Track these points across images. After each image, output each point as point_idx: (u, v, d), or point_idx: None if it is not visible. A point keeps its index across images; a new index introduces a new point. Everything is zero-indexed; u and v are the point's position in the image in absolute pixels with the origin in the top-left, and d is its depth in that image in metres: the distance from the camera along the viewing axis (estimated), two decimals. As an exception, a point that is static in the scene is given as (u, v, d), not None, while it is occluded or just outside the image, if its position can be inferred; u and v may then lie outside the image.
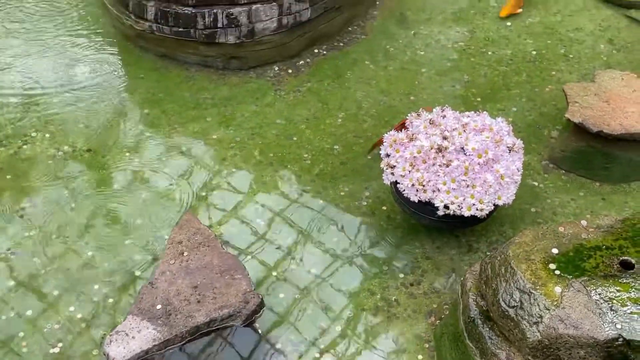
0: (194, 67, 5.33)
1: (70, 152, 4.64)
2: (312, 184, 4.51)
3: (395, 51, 5.56)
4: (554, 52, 5.50)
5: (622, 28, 5.72)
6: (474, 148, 3.57)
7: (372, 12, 5.91)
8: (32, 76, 5.19)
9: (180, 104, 5.05)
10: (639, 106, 4.43)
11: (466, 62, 5.45)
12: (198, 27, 5.08)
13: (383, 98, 5.14)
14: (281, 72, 5.36)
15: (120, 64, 5.35)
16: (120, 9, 5.24)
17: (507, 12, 5.81)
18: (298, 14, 5.25)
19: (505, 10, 5.82)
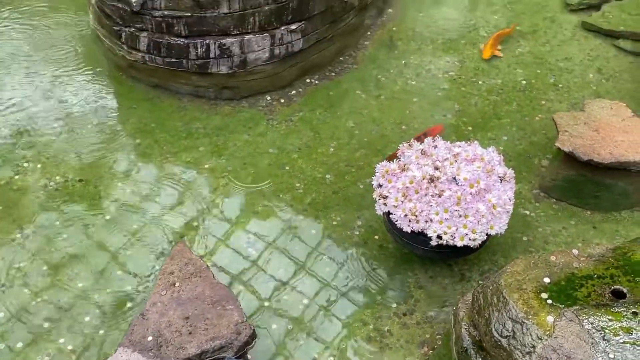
0: (186, 97, 5.35)
1: (62, 182, 4.64)
2: (305, 213, 4.51)
3: (387, 81, 5.60)
4: (543, 82, 5.55)
5: (610, 57, 5.78)
6: (466, 178, 3.58)
7: (363, 42, 5.96)
8: (24, 106, 5.20)
9: (172, 133, 5.06)
10: (629, 135, 4.46)
11: (457, 91, 5.49)
12: (190, 57, 5.10)
13: (375, 127, 5.17)
14: (273, 101, 5.38)
15: (112, 94, 5.36)
16: (113, 39, 5.27)
17: (489, 54, 5.80)
18: (290, 45, 5.29)
19: (486, 52, 5.80)
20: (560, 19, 6.21)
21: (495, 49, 5.80)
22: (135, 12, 4.93)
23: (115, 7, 5.03)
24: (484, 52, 5.79)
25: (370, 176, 4.30)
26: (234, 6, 4.94)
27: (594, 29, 6.02)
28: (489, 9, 6.34)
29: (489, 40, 5.85)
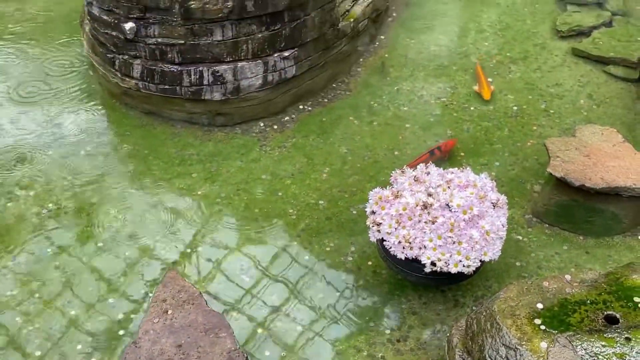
0: (179, 124, 5.36)
1: (55, 209, 4.63)
2: (298, 239, 4.51)
3: (379, 107, 5.63)
4: (535, 107, 5.60)
5: (601, 83, 5.84)
6: (459, 204, 3.60)
7: (356, 68, 6.00)
8: (18, 134, 5.20)
9: (165, 160, 5.07)
10: (620, 160, 4.49)
11: (449, 117, 5.53)
12: (184, 84, 5.13)
13: (367, 153, 5.18)
14: (266, 128, 5.40)
15: (106, 121, 5.38)
16: (107, 67, 5.29)
17: (489, 93, 5.67)
18: (283, 71, 5.32)
19: (486, 93, 5.68)
20: (551, 46, 6.27)
21: (488, 85, 5.76)
22: (129, 40, 4.96)
23: (109, 35, 5.06)
24: (483, 94, 5.67)
25: (363, 202, 4.32)
26: (227, 34, 4.97)
27: (584, 55, 6.09)
28: (479, 35, 6.40)
29: (481, 81, 5.75)
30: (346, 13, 5.77)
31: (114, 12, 4.93)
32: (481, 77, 5.78)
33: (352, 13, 5.82)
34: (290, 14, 5.11)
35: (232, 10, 4.84)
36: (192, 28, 4.89)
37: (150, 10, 4.84)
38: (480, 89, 5.73)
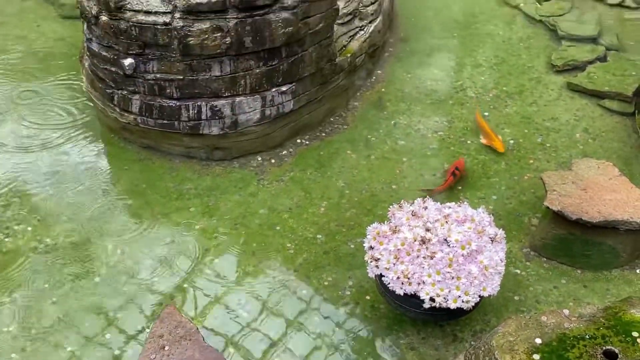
0: (177, 158, 5.38)
1: (52, 244, 4.62)
2: (296, 274, 4.50)
3: (376, 141, 5.66)
4: (531, 141, 5.63)
5: (596, 117, 5.88)
6: (457, 239, 3.60)
7: (353, 103, 6.04)
8: (16, 168, 5.21)
9: (163, 194, 5.07)
10: (616, 194, 4.51)
11: (446, 151, 5.56)
12: (182, 119, 5.16)
13: (365, 187, 5.20)
14: (264, 162, 5.42)
15: (104, 155, 5.40)
16: (106, 102, 5.32)
17: (501, 144, 5.51)
18: (281, 106, 5.36)
19: (499, 144, 5.51)
20: (546, 80, 6.33)
21: (496, 135, 5.61)
22: (127, 75, 5.00)
23: (108, 70, 5.10)
24: (497, 146, 5.50)
25: (361, 236, 4.32)
26: (225, 69, 5.01)
27: (579, 89, 6.14)
28: (475, 70, 6.46)
29: (488, 133, 5.60)
30: (343, 48, 5.82)
31: (113, 48, 4.98)
32: (486, 129, 5.65)
33: (349, 48, 5.88)
34: (288, 50, 5.16)
35: (230, 46, 4.89)
36: (190, 64, 4.94)
37: (149, 46, 4.88)
38: (490, 141, 5.57)
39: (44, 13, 7.03)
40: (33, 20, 6.91)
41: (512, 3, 7.46)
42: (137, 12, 4.78)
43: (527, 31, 7.03)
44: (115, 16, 4.82)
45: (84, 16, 5.10)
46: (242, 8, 4.80)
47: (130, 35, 4.83)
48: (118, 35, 4.87)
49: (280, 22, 4.94)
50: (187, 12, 4.74)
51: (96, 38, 5.07)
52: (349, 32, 5.95)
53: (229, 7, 4.79)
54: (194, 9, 4.73)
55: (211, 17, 4.79)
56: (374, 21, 6.20)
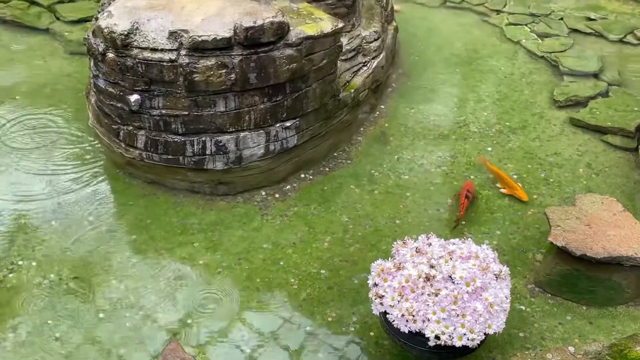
0: (182, 193, 5.40)
1: (57, 280, 4.62)
2: (300, 309, 4.49)
3: (380, 175, 5.68)
4: (534, 176, 5.64)
5: (599, 153, 5.90)
6: (462, 276, 3.60)
7: (357, 137, 6.07)
8: (21, 204, 5.23)
9: (167, 229, 5.08)
10: (620, 230, 4.51)
11: (449, 186, 5.57)
12: (187, 154, 5.19)
13: (368, 222, 5.20)
14: (268, 196, 5.44)
15: (109, 191, 5.41)
16: (111, 137, 5.36)
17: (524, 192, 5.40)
18: (285, 141, 5.39)
19: (522, 193, 5.40)
20: (549, 115, 6.37)
21: (516, 183, 5.50)
22: (133, 111, 5.04)
23: (114, 106, 5.15)
24: (520, 195, 5.38)
25: (365, 271, 4.32)
26: (230, 105, 5.06)
27: (582, 124, 6.18)
28: (478, 105, 6.51)
29: (507, 180, 5.48)
30: (347, 84, 5.87)
31: (119, 84, 5.02)
32: (505, 177, 5.51)
33: (353, 84, 5.92)
34: (292, 86, 5.21)
35: (235, 83, 4.93)
36: (195, 99, 4.98)
37: (155, 82, 4.93)
38: (512, 190, 5.43)
39: (51, 49, 7.11)
40: (40, 57, 6.98)
41: (513, 39, 7.53)
42: (143, 49, 4.84)
43: (529, 67, 7.09)
44: (122, 53, 4.88)
45: (91, 53, 5.16)
46: (247, 45, 4.86)
47: (137, 72, 4.88)
48: (124, 72, 4.92)
49: (285, 59, 5.00)
50: (192, 49, 4.80)
51: (103, 75, 5.12)
52: (352, 68, 6.00)
53: (234, 44, 4.85)
54: (199, 46, 4.79)
55: (216, 54, 4.84)
56: (377, 57, 6.26)
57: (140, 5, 5.06)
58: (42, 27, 7.39)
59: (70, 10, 7.59)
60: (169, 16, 4.93)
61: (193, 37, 4.77)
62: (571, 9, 8.17)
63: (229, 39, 4.81)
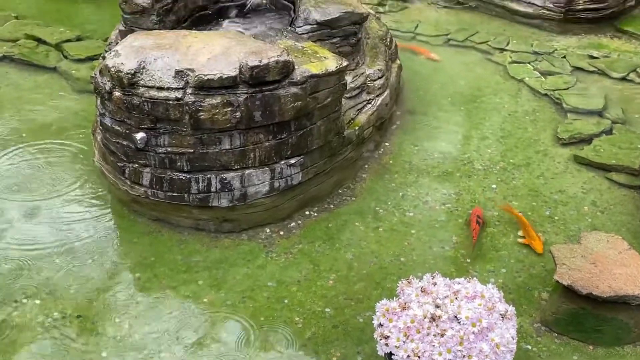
0: (186, 231, 5.40)
1: (60, 318, 4.60)
2: (304, 349, 4.46)
3: (385, 212, 5.68)
4: (539, 214, 5.64)
5: (604, 190, 5.90)
6: (468, 317, 3.58)
7: (361, 174, 6.09)
8: (26, 241, 5.23)
9: (171, 267, 5.07)
10: (626, 268, 4.49)
11: (454, 223, 5.56)
12: (192, 191, 5.20)
13: (373, 259, 5.19)
14: (273, 234, 5.43)
15: (114, 228, 5.42)
16: (117, 175, 5.38)
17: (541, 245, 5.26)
18: (289, 178, 5.40)
19: (538, 245, 5.27)
20: (553, 153, 6.38)
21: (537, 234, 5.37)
22: (139, 149, 5.07)
23: (120, 144, 5.18)
24: (535, 246, 5.26)
25: (370, 309, 4.29)
26: (235, 142, 5.08)
27: (586, 162, 6.18)
28: (482, 142, 6.53)
29: (531, 234, 5.34)
30: (351, 121, 5.91)
31: (125, 122, 5.06)
32: (528, 227, 5.40)
33: (357, 121, 5.96)
34: (297, 124, 5.24)
35: (240, 121, 4.97)
36: (201, 137, 5.01)
37: (161, 121, 4.96)
38: (530, 240, 5.31)
39: (58, 87, 7.17)
40: (48, 95, 7.04)
41: (517, 77, 7.58)
42: (149, 87, 4.88)
43: (533, 104, 7.12)
44: (129, 92, 4.92)
45: (98, 91, 5.20)
46: (253, 84, 4.91)
47: (143, 110, 4.92)
48: (131, 110, 4.96)
49: (290, 97, 5.04)
50: (198, 87, 4.84)
51: (109, 113, 5.16)
52: (356, 105, 6.04)
53: (240, 83, 4.89)
54: (205, 85, 4.83)
55: (222, 93, 4.88)
56: (381, 95, 6.30)
57: (147, 44, 5.12)
58: (50, 66, 7.46)
59: (77, 49, 7.68)
60: (175, 55, 4.98)
61: (199, 76, 4.82)
62: (574, 47, 8.23)
63: (235, 77, 4.85)
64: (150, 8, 5.63)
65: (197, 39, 5.20)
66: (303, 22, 5.83)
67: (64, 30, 8.06)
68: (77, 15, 8.74)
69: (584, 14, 8.58)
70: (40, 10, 8.81)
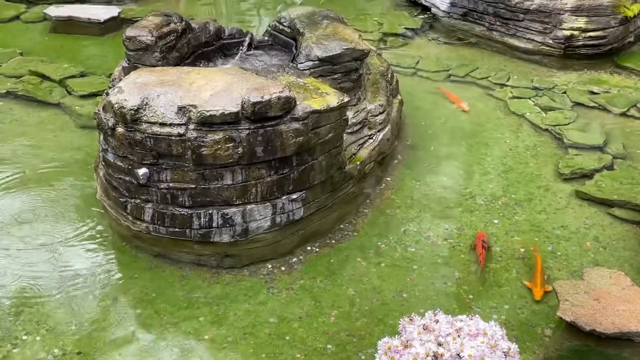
0: (188, 266, 5.39)
1: (61, 355, 4.58)
2: (306, 386, 4.43)
3: (387, 248, 5.66)
4: (541, 249, 5.62)
5: (606, 226, 5.89)
6: (471, 355, 3.54)
7: (363, 209, 6.09)
8: (28, 276, 5.22)
9: (172, 303, 5.05)
10: (630, 304, 4.46)
11: (456, 258, 5.55)
12: (193, 227, 5.20)
13: (375, 295, 5.17)
14: (274, 269, 5.42)
15: (115, 264, 5.41)
16: (119, 210, 5.39)
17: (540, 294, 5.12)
18: (291, 213, 5.40)
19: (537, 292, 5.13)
20: (554, 188, 6.38)
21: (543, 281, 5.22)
22: (141, 184, 5.08)
23: (123, 180, 5.19)
24: (535, 293, 5.14)
25: (372, 346, 4.27)
26: (237, 178, 5.10)
27: (588, 197, 6.18)
28: (483, 177, 6.54)
29: (537, 280, 5.21)
30: (353, 156, 5.92)
31: (128, 158, 5.08)
32: (538, 271, 5.28)
33: (359, 156, 5.98)
34: (299, 159, 5.26)
35: (242, 156, 4.99)
36: (203, 173, 5.02)
37: (163, 156, 4.99)
38: (533, 285, 5.20)
39: (61, 123, 7.22)
40: (51, 130, 7.08)
41: (517, 112, 7.61)
42: (152, 123, 4.92)
43: (534, 139, 7.14)
44: (132, 128, 4.95)
45: (101, 127, 5.23)
46: (255, 119, 4.94)
47: (145, 146, 4.95)
48: (133, 145, 4.98)
49: (291, 132, 5.06)
50: (201, 123, 4.87)
51: (112, 148, 5.18)
52: (358, 140, 6.07)
53: (242, 119, 4.92)
54: (207, 121, 4.86)
55: (224, 128, 4.91)
56: (383, 130, 6.33)
57: (151, 81, 5.17)
58: (54, 102, 7.51)
59: (81, 85, 7.74)
60: (178, 91, 5.02)
61: (201, 112, 4.85)
62: (574, 82, 8.28)
63: (237, 113, 4.89)
64: (153, 45, 5.69)
65: (200, 75, 5.25)
66: (305, 58, 5.89)
67: (68, 67, 8.14)
68: (81, 52, 8.83)
69: (583, 50, 8.65)
70: (44, 47, 8.92)
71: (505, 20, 9.03)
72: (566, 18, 8.56)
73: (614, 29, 8.61)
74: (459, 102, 7.23)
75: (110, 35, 9.24)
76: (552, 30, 8.68)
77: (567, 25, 8.58)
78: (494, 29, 9.20)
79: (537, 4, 8.70)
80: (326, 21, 6.41)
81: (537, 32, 8.79)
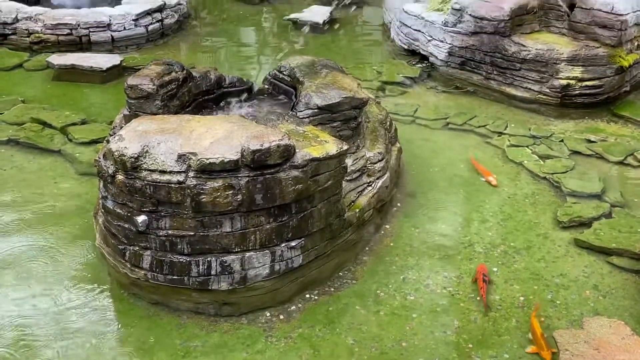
0: (185, 314, 5.35)
1: (56, 404, 4.53)
2: None
3: (386, 296, 5.64)
4: (541, 298, 5.59)
5: (605, 274, 5.88)
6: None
7: (362, 257, 6.08)
8: (22, 325, 5.18)
9: (170, 352, 5.01)
10: (630, 354, 4.44)
11: (456, 307, 5.52)
12: (192, 274, 5.19)
13: (374, 344, 5.13)
14: (273, 317, 5.39)
15: (113, 312, 5.38)
16: (117, 258, 5.38)
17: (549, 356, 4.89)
18: (290, 261, 5.39)
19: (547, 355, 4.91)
20: (553, 236, 6.39)
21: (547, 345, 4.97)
22: (140, 231, 5.09)
23: (122, 227, 5.20)
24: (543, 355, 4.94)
25: (371, 398, 4.21)
26: (236, 225, 5.10)
27: (587, 245, 6.18)
28: (482, 225, 6.54)
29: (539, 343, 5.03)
30: (352, 204, 5.94)
31: (127, 205, 5.10)
32: (538, 335, 5.10)
33: (358, 204, 5.99)
34: (298, 206, 5.27)
35: (241, 203, 5.00)
36: (202, 220, 5.03)
37: (163, 204, 5.00)
38: (538, 349, 5.00)
39: (62, 170, 7.25)
40: (51, 177, 7.11)
41: (515, 160, 7.66)
42: (152, 171, 4.94)
43: (532, 187, 7.17)
44: (132, 175, 4.98)
45: (101, 175, 5.26)
46: (254, 167, 4.97)
47: (145, 194, 4.97)
48: (133, 193, 5.00)
49: (291, 180, 5.09)
50: (200, 171, 4.90)
51: (111, 196, 5.20)
52: (357, 188, 6.09)
53: (241, 166, 4.95)
54: (207, 168, 4.89)
55: (224, 176, 4.94)
56: (382, 177, 6.36)
57: (151, 128, 5.21)
58: (55, 149, 7.56)
59: (82, 132, 7.80)
60: (178, 139, 5.06)
61: (201, 160, 4.88)
62: (571, 131, 8.35)
63: (236, 161, 4.92)
64: (154, 93, 5.77)
65: (200, 123, 5.30)
66: (304, 106, 5.95)
67: (70, 114, 8.21)
68: (82, 100, 8.92)
69: (580, 99, 8.74)
70: (46, 95, 9.02)
71: (503, 70, 9.15)
72: (562, 67, 8.67)
73: (609, 78, 8.72)
74: (487, 176, 7.22)
75: (112, 83, 9.35)
76: (548, 80, 8.78)
77: (563, 75, 8.69)
78: (491, 78, 9.31)
79: (533, 53, 8.82)
80: (325, 70, 6.50)
81: (534, 81, 8.90)
